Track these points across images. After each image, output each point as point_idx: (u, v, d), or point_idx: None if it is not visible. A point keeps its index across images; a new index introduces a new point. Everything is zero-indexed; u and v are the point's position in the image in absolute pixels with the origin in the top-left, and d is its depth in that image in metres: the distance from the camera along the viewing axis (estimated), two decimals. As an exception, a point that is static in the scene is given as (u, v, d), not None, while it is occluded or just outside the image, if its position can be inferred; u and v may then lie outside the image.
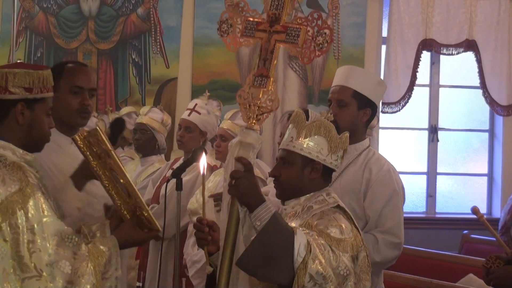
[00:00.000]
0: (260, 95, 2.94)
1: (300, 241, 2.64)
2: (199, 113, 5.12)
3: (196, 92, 6.53)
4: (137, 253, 5.21)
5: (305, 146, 2.90)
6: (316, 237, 2.72)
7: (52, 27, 6.60)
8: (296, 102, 6.80)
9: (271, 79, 2.93)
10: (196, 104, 5.19)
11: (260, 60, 2.96)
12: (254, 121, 2.96)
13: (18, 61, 2.96)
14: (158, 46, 6.69)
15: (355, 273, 2.77)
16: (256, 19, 3.02)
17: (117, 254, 2.79)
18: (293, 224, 2.84)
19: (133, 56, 6.69)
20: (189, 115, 5.12)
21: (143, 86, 6.67)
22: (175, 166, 4.59)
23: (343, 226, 2.80)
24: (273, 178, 3.01)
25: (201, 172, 3.02)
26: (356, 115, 3.74)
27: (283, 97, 6.81)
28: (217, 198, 4.27)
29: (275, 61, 2.96)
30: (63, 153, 3.32)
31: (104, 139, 2.83)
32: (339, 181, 3.71)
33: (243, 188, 2.78)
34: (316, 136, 2.91)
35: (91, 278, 2.66)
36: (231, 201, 2.87)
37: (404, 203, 3.82)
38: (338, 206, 2.90)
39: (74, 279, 2.63)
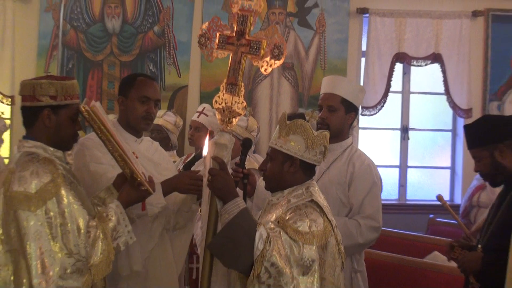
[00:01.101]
0: (231, 101, 2.91)
1: (260, 235, 2.59)
2: (207, 115, 5.13)
3: (203, 98, 6.56)
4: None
5: (285, 144, 2.85)
6: (280, 232, 2.66)
7: (81, 43, 6.57)
8: (289, 106, 6.78)
9: (240, 86, 2.89)
10: (204, 108, 5.21)
11: (230, 70, 2.92)
12: (227, 124, 2.92)
13: (48, 74, 2.97)
14: (171, 59, 6.65)
15: (324, 260, 2.71)
16: (226, 33, 2.97)
17: (123, 214, 2.78)
18: (273, 216, 2.78)
19: (150, 67, 6.66)
20: (198, 117, 5.14)
21: (159, 93, 6.67)
22: (187, 161, 4.62)
23: (312, 219, 2.73)
24: (262, 171, 2.97)
25: (204, 152, 2.96)
26: (344, 118, 3.77)
27: (278, 101, 6.80)
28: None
29: (242, 71, 2.90)
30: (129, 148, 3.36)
31: (102, 113, 2.80)
32: (327, 174, 3.72)
33: (217, 184, 2.75)
34: (294, 135, 2.85)
35: (101, 244, 2.65)
36: (211, 194, 2.83)
37: (381, 192, 3.86)
38: (312, 201, 2.82)
39: (91, 250, 2.64)
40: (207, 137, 3.05)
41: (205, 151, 2.95)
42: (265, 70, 2.85)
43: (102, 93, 6.57)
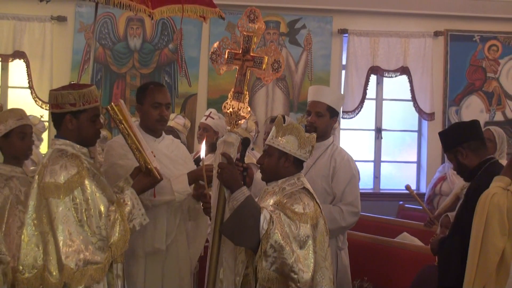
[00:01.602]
0: (238, 107, 2.92)
1: (264, 217, 2.62)
2: (213, 118, 5.14)
3: (210, 104, 6.55)
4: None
5: (281, 142, 2.86)
6: (280, 214, 2.68)
7: (108, 58, 6.57)
8: (281, 110, 6.77)
9: (246, 94, 2.91)
10: (211, 112, 5.21)
11: (237, 81, 2.95)
12: (234, 125, 2.92)
13: (71, 82, 2.94)
14: (183, 71, 6.66)
15: (315, 236, 2.73)
16: (233, 51, 2.99)
17: (137, 199, 2.76)
18: (271, 201, 2.80)
19: (166, 78, 6.65)
20: (206, 119, 5.15)
21: (172, 100, 6.66)
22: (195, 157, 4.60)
23: (306, 203, 2.76)
24: (259, 165, 3.00)
25: (201, 154, 2.98)
26: (329, 122, 3.76)
27: (272, 107, 6.81)
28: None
29: (247, 82, 2.93)
30: (150, 147, 3.28)
31: (125, 112, 2.79)
32: (314, 168, 3.71)
33: (225, 176, 2.75)
34: (289, 136, 2.86)
35: (119, 225, 2.65)
36: (219, 184, 2.83)
37: (359, 182, 3.85)
38: (304, 188, 2.85)
39: (110, 231, 2.64)
40: (203, 142, 3.06)
41: (202, 153, 2.97)
42: (266, 80, 2.89)
43: (125, 101, 6.54)
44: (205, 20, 3.75)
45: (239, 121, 2.93)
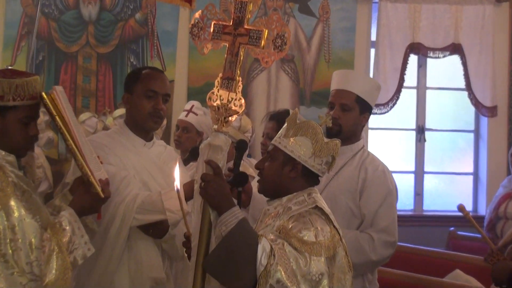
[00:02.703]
0: (228, 98, 2.91)
1: (263, 249, 2.60)
2: (196, 114, 5.15)
3: (192, 94, 6.58)
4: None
5: (289, 144, 2.86)
6: (284, 245, 2.66)
7: (53, 32, 6.56)
8: (288, 104, 6.78)
9: (238, 81, 2.90)
10: (193, 106, 5.22)
11: (226, 63, 2.93)
12: (222, 124, 2.91)
13: (7, 67, 2.92)
14: (155, 50, 6.67)
15: (332, 274, 2.71)
16: (222, 22, 2.98)
17: (78, 223, 2.79)
18: (274, 226, 2.79)
19: (131, 60, 6.67)
20: (186, 116, 5.15)
21: (140, 89, 6.65)
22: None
23: (319, 228, 2.73)
24: (258, 171, 2.97)
25: (176, 187, 2.96)
26: (358, 119, 3.78)
27: (276, 98, 6.84)
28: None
29: (240, 64, 2.91)
30: (136, 153, 3.42)
31: (61, 102, 2.79)
32: (336, 180, 3.73)
33: (211, 191, 2.73)
34: (302, 137, 2.86)
35: (56, 258, 2.66)
36: (203, 203, 2.82)
37: (397, 202, 3.84)
38: (316, 207, 2.83)
39: (45, 267, 2.64)
40: (177, 165, 3.02)
41: (177, 181, 2.94)
42: (266, 62, 2.85)
43: (76, 89, 6.57)
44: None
45: (230, 118, 2.91)
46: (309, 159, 2.85)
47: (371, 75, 6.89)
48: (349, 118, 3.74)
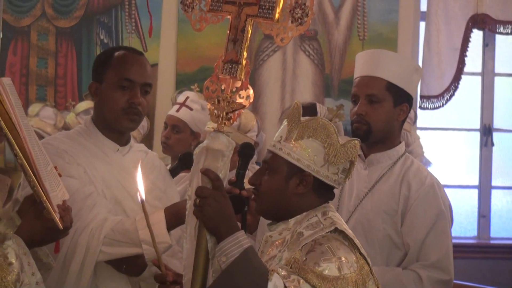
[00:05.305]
0: (231, 88, 2.93)
1: (275, 287, 2.62)
2: (191, 109, 5.18)
3: (181, 82, 6.65)
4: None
5: (294, 150, 2.86)
6: (300, 282, 2.67)
7: (-2, 0, 6.65)
8: (310, 95, 6.85)
9: (244, 65, 2.92)
10: (187, 97, 5.25)
11: (229, 42, 2.95)
12: (224, 121, 2.93)
13: None
14: (133, 24, 6.73)
15: None
16: None
17: (28, 256, 2.80)
18: (283, 259, 2.81)
19: (101, 37, 6.74)
20: (177, 110, 5.19)
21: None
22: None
23: (342, 258, 2.74)
24: (252, 188, 2.98)
25: (140, 198, 2.96)
26: (392, 113, 3.79)
27: (293, 88, 6.87)
28: None
29: (247, 43, 2.94)
30: (107, 161, 3.44)
31: (7, 97, 2.79)
32: (370, 198, 3.75)
33: (209, 210, 2.76)
34: (310, 140, 2.85)
35: None
36: (198, 226, 2.84)
37: (452, 226, 3.86)
38: (336, 230, 2.83)
39: None
40: (139, 168, 3.02)
41: (141, 190, 2.94)
42: (282, 40, 2.89)
43: (29, 75, 6.64)
44: None
45: (234, 113, 2.94)
46: (322, 168, 2.85)
47: (420, 57, 6.94)
48: (379, 112, 3.74)
